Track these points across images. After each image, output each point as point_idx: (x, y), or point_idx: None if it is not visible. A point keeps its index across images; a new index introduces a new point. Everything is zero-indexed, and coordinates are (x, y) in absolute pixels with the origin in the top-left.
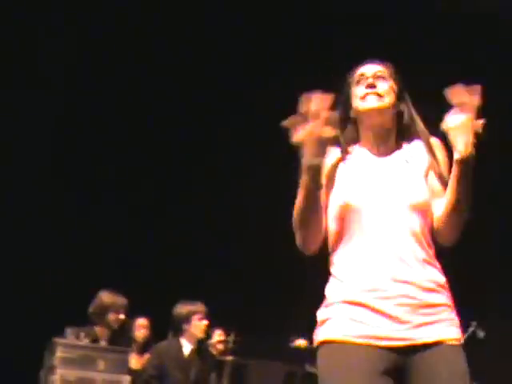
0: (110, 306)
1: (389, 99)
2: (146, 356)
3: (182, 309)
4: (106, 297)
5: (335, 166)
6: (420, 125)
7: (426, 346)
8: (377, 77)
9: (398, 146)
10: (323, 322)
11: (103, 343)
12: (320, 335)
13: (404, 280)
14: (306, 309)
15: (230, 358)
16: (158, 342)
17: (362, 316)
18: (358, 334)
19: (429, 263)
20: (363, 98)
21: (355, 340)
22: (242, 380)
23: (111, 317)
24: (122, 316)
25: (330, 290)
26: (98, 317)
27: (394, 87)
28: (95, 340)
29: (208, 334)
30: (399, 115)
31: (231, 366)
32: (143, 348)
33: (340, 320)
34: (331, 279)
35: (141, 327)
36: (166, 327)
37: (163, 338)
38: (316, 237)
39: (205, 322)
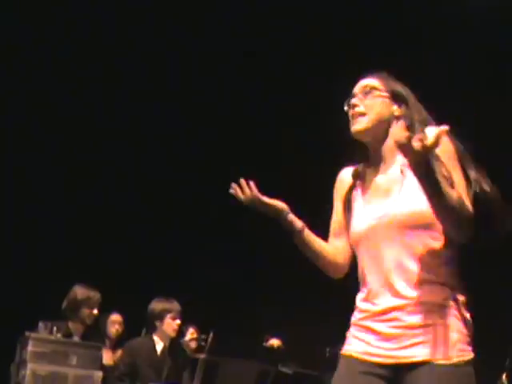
0: (83, 301)
1: (373, 114)
2: (119, 352)
3: (155, 306)
4: (80, 291)
5: (349, 190)
6: (419, 128)
7: (413, 365)
8: (364, 92)
9: (391, 160)
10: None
11: (76, 338)
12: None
13: (394, 306)
14: (281, 308)
15: (202, 356)
16: (131, 338)
17: (362, 335)
18: (357, 350)
19: (428, 282)
20: (350, 120)
21: (355, 354)
22: (215, 378)
23: (85, 312)
24: (95, 311)
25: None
26: (71, 311)
27: (385, 96)
28: (68, 335)
29: (182, 332)
30: (385, 125)
31: (204, 364)
32: (116, 344)
33: (349, 338)
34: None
35: (114, 323)
36: (140, 324)
37: (136, 334)
38: (331, 265)
39: (177, 322)
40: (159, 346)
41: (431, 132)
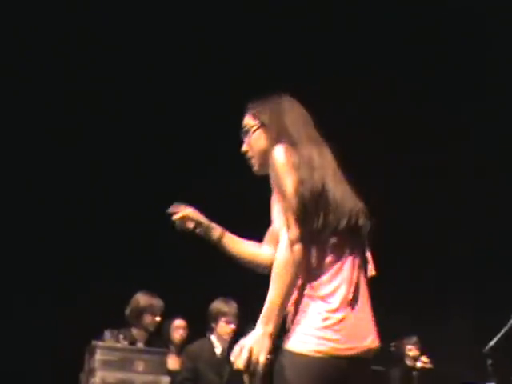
0: (146, 309)
1: (255, 152)
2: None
3: (212, 307)
4: (142, 299)
5: None
6: (304, 142)
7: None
8: (245, 133)
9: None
10: None
11: (140, 345)
12: None
13: None
14: None
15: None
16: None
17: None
18: None
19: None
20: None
21: None
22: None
23: (147, 319)
24: (158, 318)
25: None
26: (134, 319)
27: (256, 129)
28: (133, 342)
29: (243, 333)
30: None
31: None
32: (181, 349)
33: None
34: None
35: (178, 328)
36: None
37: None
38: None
39: (231, 327)
40: (218, 347)
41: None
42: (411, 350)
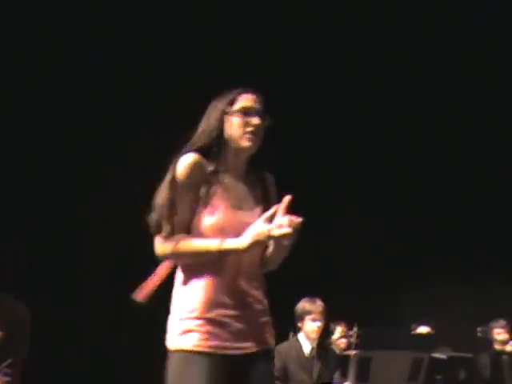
0: None
1: (259, 141)
2: None
3: (298, 306)
4: None
5: (205, 182)
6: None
7: None
8: (261, 117)
9: (248, 173)
10: None
11: None
12: None
13: None
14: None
15: (353, 352)
16: (282, 341)
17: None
18: None
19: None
20: (247, 133)
21: None
22: (369, 372)
23: None
24: None
25: None
26: None
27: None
28: None
29: (331, 331)
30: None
31: (356, 360)
32: None
33: None
34: None
35: None
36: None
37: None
38: None
39: (317, 324)
40: (306, 347)
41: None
42: (500, 334)
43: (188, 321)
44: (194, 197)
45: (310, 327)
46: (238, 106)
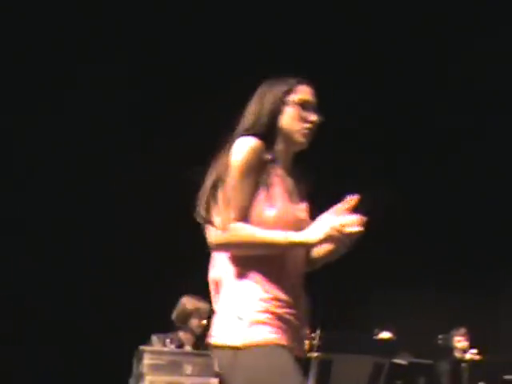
0: (193, 312)
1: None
2: None
3: None
4: (188, 303)
5: (265, 168)
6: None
7: None
8: (316, 113)
9: (293, 169)
10: None
11: (188, 348)
12: None
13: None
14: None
15: (315, 354)
16: None
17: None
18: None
19: None
20: (305, 130)
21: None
22: (329, 375)
23: (194, 322)
24: (204, 321)
25: None
26: (181, 323)
27: None
28: (180, 345)
29: None
30: None
31: (317, 363)
32: None
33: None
34: None
35: None
36: None
37: None
38: None
39: None
40: None
41: (350, 221)
42: (460, 342)
43: (259, 314)
44: (254, 183)
45: None
46: (296, 97)
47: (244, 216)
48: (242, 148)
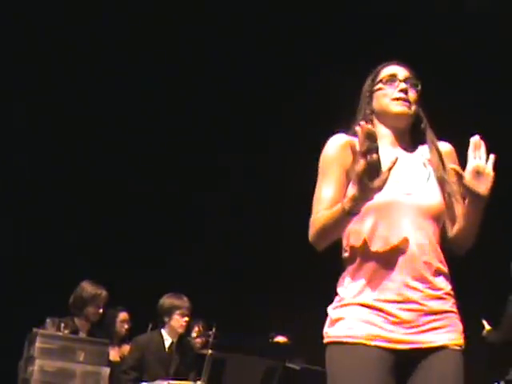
0: (89, 299)
1: (414, 107)
2: (125, 347)
3: (165, 301)
4: (86, 289)
5: (353, 160)
6: (431, 132)
7: (430, 350)
8: (407, 82)
9: (413, 149)
10: (336, 320)
11: (82, 334)
12: (332, 334)
13: (415, 287)
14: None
15: (209, 351)
16: (138, 333)
17: (373, 318)
18: (367, 335)
19: (440, 271)
20: (395, 100)
21: (364, 341)
22: (222, 374)
23: (90, 310)
24: (100, 310)
25: (344, 290)
26: (77, 308)
27: (418, 94)
28: (75, 331)
29: (189, 329)
30: (416, 119)
31: (211, 360)
32: (122, 340)
33: (352, 321)
34: (346, 278)
35: (123, 322)
36: (146, 318)
37: (143, 329)
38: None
39: (185, 319)
40: (167, 341)
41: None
42: None
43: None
44: (339, 176)
45: (179, 322)
46: (378, 79)
47: (330, 208)
48: (324, 147)
